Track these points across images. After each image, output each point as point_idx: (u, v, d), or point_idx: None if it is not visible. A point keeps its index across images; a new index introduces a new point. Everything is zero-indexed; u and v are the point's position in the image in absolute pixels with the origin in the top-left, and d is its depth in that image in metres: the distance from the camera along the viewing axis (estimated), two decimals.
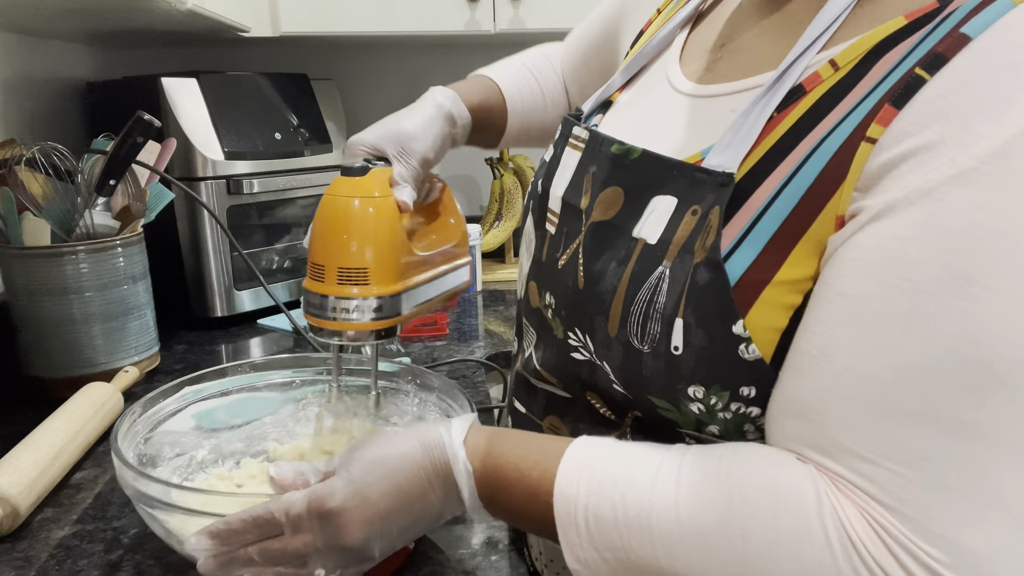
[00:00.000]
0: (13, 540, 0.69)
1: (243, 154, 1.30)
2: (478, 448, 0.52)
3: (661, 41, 0.64)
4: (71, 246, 0.96)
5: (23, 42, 1.26)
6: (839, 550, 0.40)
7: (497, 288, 1.60)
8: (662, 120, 0.57)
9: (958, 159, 0.39)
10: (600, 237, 0.54)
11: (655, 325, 0.48)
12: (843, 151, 0.43)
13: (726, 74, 0.55)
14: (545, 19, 1.44)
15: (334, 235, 0.64)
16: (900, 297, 0.40)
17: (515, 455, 0.51)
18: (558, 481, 0.48)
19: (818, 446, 0.43)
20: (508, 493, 0.50)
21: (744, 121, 0.48)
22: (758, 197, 0.46)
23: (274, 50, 1.71)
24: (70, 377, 0.97)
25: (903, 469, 0.40)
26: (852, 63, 0.45)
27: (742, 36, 0.57)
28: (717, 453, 0.46)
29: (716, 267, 0.46)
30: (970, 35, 0.40)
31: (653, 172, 0.52)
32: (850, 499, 0.41)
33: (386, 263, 0.64)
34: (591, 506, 0.46)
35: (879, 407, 0.40)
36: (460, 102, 0.75)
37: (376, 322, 0.64)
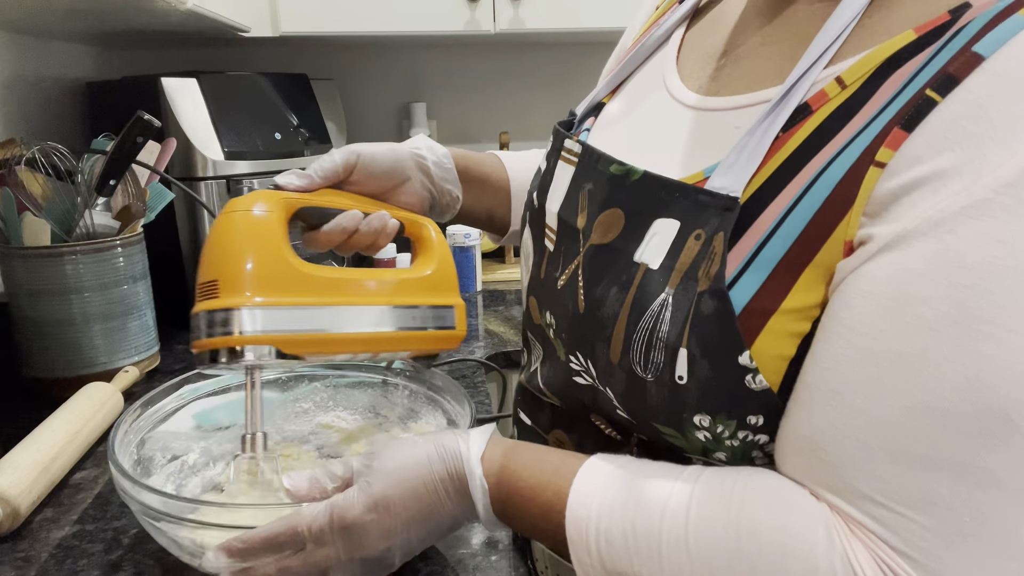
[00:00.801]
0: (13, 540, 0.69)
1: (243, 154, 1.30)
2: (494, 463, 0.52)
3: (655, 41, 0.62)
4: (71, 246, 0.96)
5: (23, 42, 1.27)
6: None
7: (497, 288, 1.61)
8: (661, 134, 0.55)
9: (971, 188, 0.37)
10: (600, 260, 0.52)
11: (658, 354, 0.46)
12: (851, 175, 0.41)
13: (729, 85, 0.53)
14: (545, 19, 1.44)
15: (202, 253, 0.60)
16: (912, 335, 0.39)
17: (529, 472, 0.51)
18: (570, 503, 0.48)
19: (830, 486, 0.42)
20: (522, 510, 0.51)
21: (748, 141, 0.46)
22: (763, 222, 0.44)
23: (274, 50, 1.71)
24: (70, 377, 0.97)
25: (916, 515, 0.39)
26: (859, 81, 0.44)
27: (745, 44, 0.54)
28: (730, 483, 0.45)
29: (721, 297, 0.44)
30: (983, 55, 0.39)
31: (654, 194, 0.50)
32: (862, 542, 0.41)
33: (238, 274, 0.58)
34: (602, 531, 0.46)
35: (890, 450, 0.39)
36: (428, 138, 0.73)
37: (209, 339, 0.57)
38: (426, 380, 0.76)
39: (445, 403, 0.73)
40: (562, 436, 0.61)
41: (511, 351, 1.22)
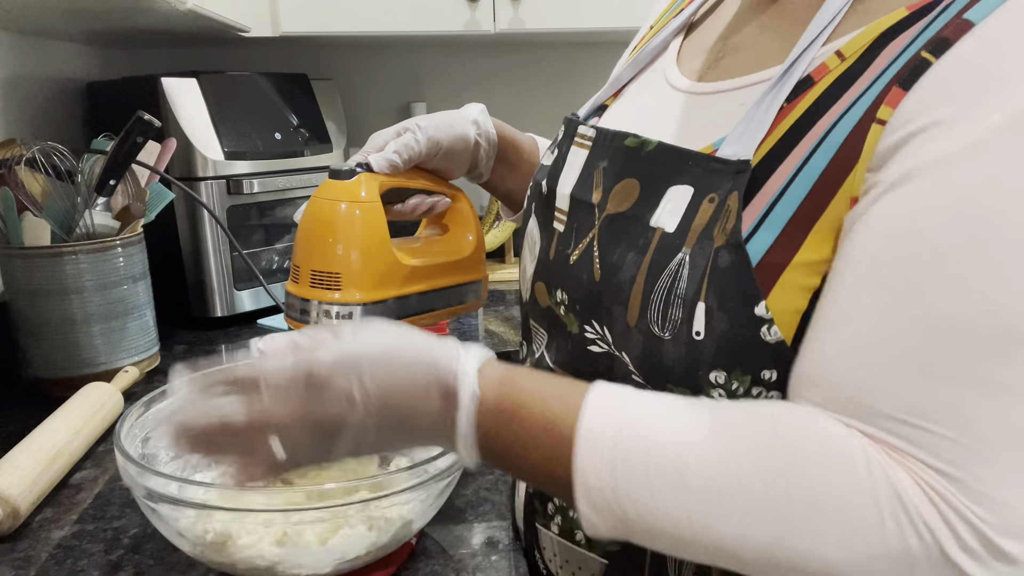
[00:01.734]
0: (13, 540, 0.69)
1: (243, 154, 1.30)
2: (493, 375, 0.48)
3: (655, 48, 0.65)
4: (71, 246, 0.96)
5: (23, 42, 1.27)
6: (887, 509, 0.40)
7: (497, 288, 1.60)
8: (661, 115, 0.58)
9: (971, 130, 0.40)
10: (616, 228, 0.54)
11: (676, 311, 0.48)
12: (854, 134, 0.44)
13: (728, 71, 0.56)
14: (545, 19, 1.44)
15: (312, 237, 0.63)
16: (923, 261, 0.41)
17: (537, 384, 0.48)
18: (582, 421, 0.44)
19: (853, 413, 0.43)
20: (521, 424, 0.46)
21: (755, 112, 0.49)
22: (774, 183, 0.47)
23: (274, 50, 1.71)
24: (70, 377, 0.97)
25: (942, 429, 0.40)
26: (858, 52, 0.47)
27: (741, 34, 0.58)
28: (758, 405, 0.46)
29: (738, 249, 0.46)
30: (973, 21, 0.42)
31: (668, 163, 0.52)
32: (896, 461, 0.41)
33: (362, 268, 0.62)
34: (620, 448, 0.43)
35: (910, 368, 0.41)
36: (486, 111, 0.76)
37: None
38: None
39: None
40: None
41: (511, 351, 1.22)
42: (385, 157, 0.67)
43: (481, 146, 0.74)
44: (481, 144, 0.74)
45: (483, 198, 1.81)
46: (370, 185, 0.64)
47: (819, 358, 0.44)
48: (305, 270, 0.63)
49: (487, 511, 0.72)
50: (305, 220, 0.65)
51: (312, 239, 0.63)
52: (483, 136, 0.74)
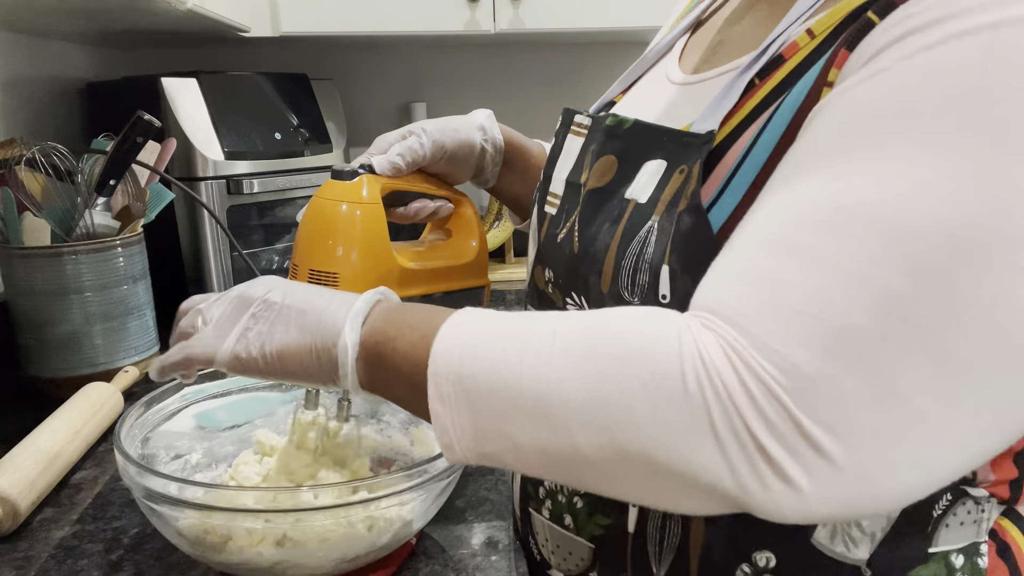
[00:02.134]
0: (13, 540, 0.69)
1: (243, 154, 1.30)
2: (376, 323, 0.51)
3: (663, 47, 0.66)
4: (71, 246, 0.96)
5: (23, 42, 1.27)
6: (688, 361, 0.40)
7: (497, 288, 1.60)
8: (657, 106, 0.60)
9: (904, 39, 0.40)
10: (595, 202, 0.56)
11: (643, 276, 0.50)
12: (808, 100, 0.45)
13: (719, 61, 0.57)
14: (545, 19, 1.44)
15: (311, 236, 0.63)
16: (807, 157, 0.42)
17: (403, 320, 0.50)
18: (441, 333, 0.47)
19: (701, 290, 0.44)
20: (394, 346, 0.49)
21: (728, 91, 0.50)
22: (735, 151, 0.48)
23: (274, 50, 1.71)
24: (70, 377, 0.97)
25: (752, 289, 0.40)
26: (827, 31, 0.47)
27: (735, 27, 0.59)
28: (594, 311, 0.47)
29: (698, 212, 0.48)
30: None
31: (644, 140, 0.55)
32: (710, 329, 0.41)
33: (360, 270, 0.62)
34: (468, 349, 0.46)
35: (753, 242, 0.42)
36: (496, 123, 0.76)
37: None
38: None
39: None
40: None
41: None
42: (388, 159, 0.67)
43: (487, 152, 0.74)
44: (487, 150, 0.74)
45: (483, 198, 1.81)
46: (372, 186, 0.64)
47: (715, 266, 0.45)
48: (303, 269, 0.63)
49: (487, 511, 0.72)
50: (305, 219, 0.64)
51: (311, 238, 0.63)
52: (489, 142, 0.74)
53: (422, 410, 0.46)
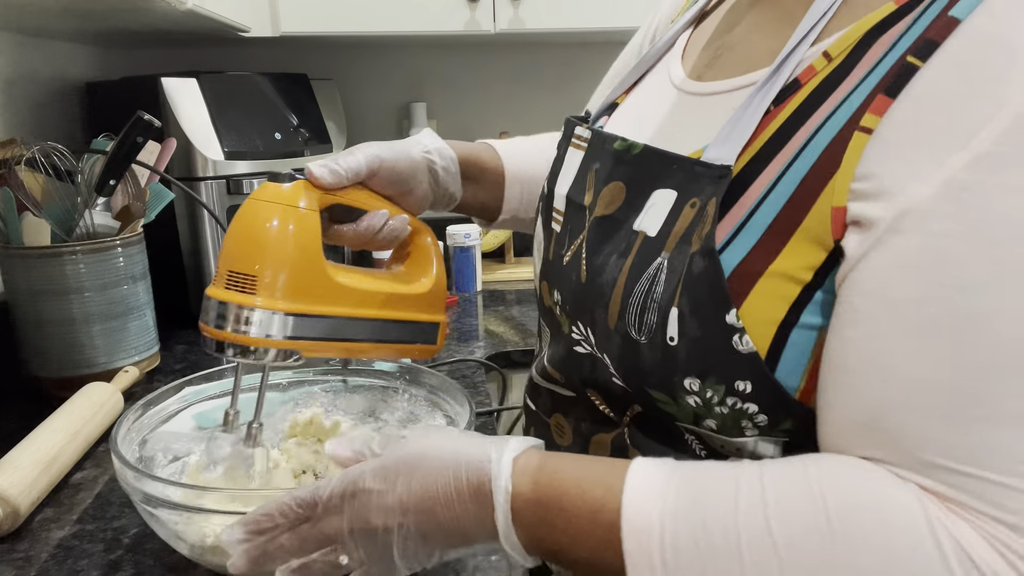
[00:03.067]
0: (13, 540, 0.69)
1: (243, 154, 1.30)
2: (529, 465, 0.47)
3: (666, 43, 0.65)
4: (71, 246, 0.96)
5: (23, 42, 1.27)
6: (958, 568, 0.37)
7: (497, 288, 1.61)
8: (661, 116, 0.58)
9: (969, 144, 0.38)
10: (602, 231, 0.54)
11: (652, 316, 0.48)
12: (836, 142, 0.43)
13: (723, 70, 0.55)
14: (545, 19, 1.44)
15: (236, 236, 0.59)
16: (953, 297, 0.38)
17: (576, 472, 0.46)
18: (626, 510, 0.42)
19: (900, 462, 0.40)
20: (565, 513, 0.45)
21: (741, 116, 0.48)
22: (755, 189, 0.46)
23: (274, 50, 1.71)
24: (70, 377, 0.97)
25: (997, 476, 0.37)
26: (844, 53, 0.45)
27: (736, 30, 0.57)
28: (801, 467, 0.42)
29: (710, 255, 0.46)
30: (959, 17, 0.40)
31: (654, 167, 0.52)
32: (958, 515, 0.39)
33: (279, 275, 0.58)
34: (667, 536, 0.41)
35: (953, 414, 0.38)
36: (438, 138, 0.73)
37: (255, 339, 0.57)
38: (425, 382, 0.76)
39: (445, 404, 0.73)
40: (561, 419, 0.62)
41: (511, 351, 1.22)
42: (325, 166, 0.63)
43: (437, 164, 0.71)
44: (436, 161, 0.71)
45: None
46: (308, 193, 0.60)
47: (858, 412, 0.42)
48: (222, 270, 0.58)
49: None
50: (234, 219, 0.60)
51: (237, 239, 0.59)
52: (435, 153, 0.71)
53: None
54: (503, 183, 0.79)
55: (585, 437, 0.60)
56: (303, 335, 0.59)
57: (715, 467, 0.44)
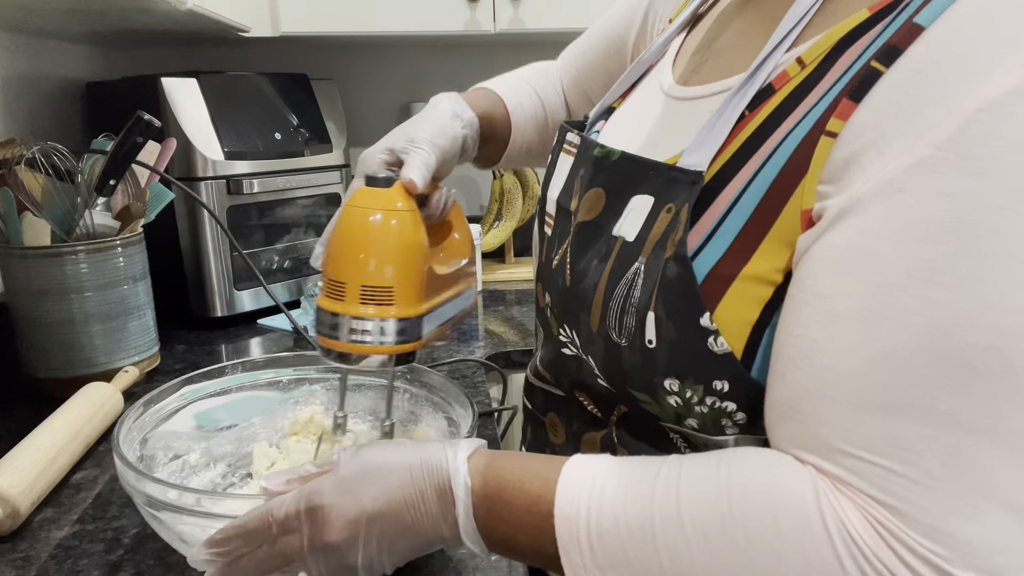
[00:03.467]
0: (13, 540, 0.69)
1: (243, 154, 1.30)
2: (479, 463, 0.50)
3: (660, 47, 0.65)
4: (71, 246, 0.96)
5: (23, 42, 1.27)
6: (841, 546, 0.40)
7: (497, 288, 1.60)
8: (648, 122, 0.59)
9: (915, 147, 0.39)
10: (584, 236, 0.56)
11: (631, 319, 0.49)
12: (804, 146, 0.44)
13: (708, 75, 0.56)
14: (545, 19, 1.44)
15: (356, 250, 0.58)
16: (871, 291, 0.40)
17: (518, 467, 0.49)
18: (558, 500, 0.47)
19: (808, 447, 0.43)
20: (508, 505, 0.48)
21: (716, 121, 0.49)
22: (727, 194, 0.47)
23: (274, 50, 1.71)
24: (70, 377, 0.97)
25: (888, 462, 0.40)
26: (817, 59, 0.46)
27: (723, 36, 0.58)
28: (715, 458, 0.46)
29: (683, 261, 0.47)
30: (923, 24, 0.41)
31: (632, 173, 0.53)
32: (847, 497, 0.41)
33: (411, 282, 0.59)
34: (593, 523, 0.45)
35: (857, 402, 0.41)
36: (463, 102, 0.74)
37: (399, 346, 0.59)
38: (426, 382, 0.76)
39: (446, 405, 0.73)
40: (555, 418, 0.64)
41: (511, 351, 1.22)
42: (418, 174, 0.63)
43: (469, 136, 0.73)
44: (469, 135, 0.73)
45: (483, 198, 1.81)
46: (406, 195, 0.61)
47: (781, 393, 0.44)
48: (353, 286, 0.58)
49: None
50: (342, 230, 0.60)
51: (353, 252, 0.59)
52: (468, 126, 0.73)
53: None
54: (509, 136, 0.81)
55: (576, 436, 0.61)
56: (427, 330, 0.62)
57: (643, 460, 0.48)
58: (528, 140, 0.84)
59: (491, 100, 0.80)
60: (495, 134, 0.79)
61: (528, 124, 0.83)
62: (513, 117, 0.82)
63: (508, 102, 0.81)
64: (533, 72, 0.88)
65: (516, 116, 0.82)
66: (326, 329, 0.59)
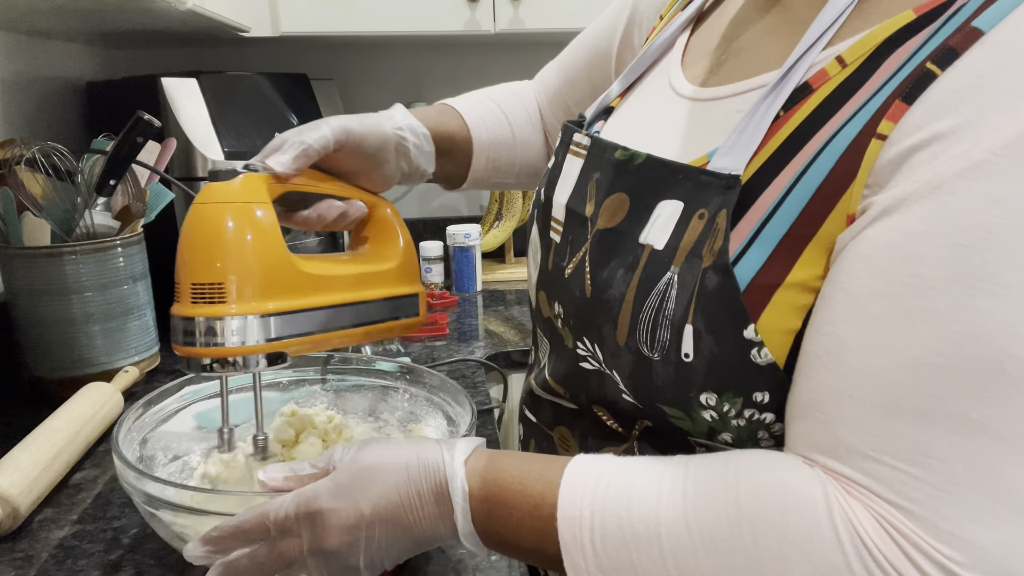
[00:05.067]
0: (13, 540, 0.69)
1: (243, 154, 1.30)
2: (478, 465, 0.50)
3: (662, 44, 0.63)
4: (71, 246, 0.96)
5: (23, 42, 1.27)
6: (851, 550, 0.40)
7: (497, 288, 1.61)
8: (663, 123, 0.56)
9: (970, 151, 0.38)
10: (606, 244, 0.53)
11: (664, 332, 0.47)
12: (853, 149, 0.42)
13: (730, 75, 0.54)
14: (545, 19, 1.44)
15: (188, 246, 0.56)
16: (909, 294, 0.39)
17: (518, 470, 0.49)
18: (561, 502, 0.46)
19: (824, 447, 0.42)
20: (508, 508, 0.48)
21: (749, 121, 0.47)
22: (766, 198, 0.45)
23: (274, 50, 1.71)
24: (70, 377, 0.97)
25: (910, 467, 0.39)
26: (860, 59, 0.44)
27: (744, 35, 0.55)
28: (722, 459, 0.45)
29: (725, 271, 0.45)
30: (982, 29, 0.40)
31: (658, 177, 0.51)
32: (859, 500, 0.41)
33: (247, 276, 0.55)
34: (597, 525, 0.45)
35: (885, 405, 0.40)
36: (409, 113, 0.72)
37: (241, 348, 0.55)
38: (425, 382, 0.76)
39: (445, 404, 0.73)
40: (565, 432, 0.61)
41: (511, 351, 1.22)
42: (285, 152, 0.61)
43: (409, 141, 0.70)
44: (408, 139, 0.70)
45: (483, 197, 1.81)
46: (256, 186, 0.58)
47: (803, 391, 0.43)
48: (185, 285, 0.56)
49: None
50: (184, 229, 0.57)
51: (191, 249, 0.56)
52: (407, 130, 0.70)
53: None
54: (471, 153, 0.79)
55: (592, 451, 0.58)
56: (284, 334, 0.58)
57: (649, 461, 0.47)
58: (495, 157, 0.80)
59: (447, 114, 0.78)
60: (454, 148, 0.76)
61: (493, 140, 0.80)
62: (474, 132, 0.78)
63: (467, 116, 0.78)
64: (504, 91, 0.85)
65: (478, 131, 0.79)
66: (174, 336, 0.57)
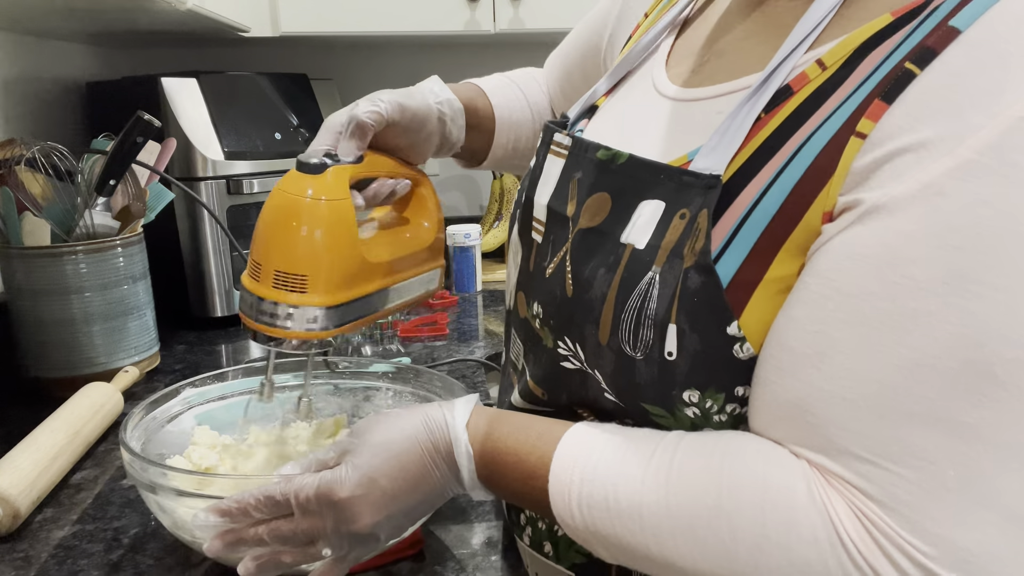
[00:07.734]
0: (13, 540, 0.69)
1: (243, 154, 1.30)
2: (479, 430, 0.54)
3: (647, 46, 0.63)
4: (71, 246, 0.96)
5: (23, 42, 1.27)
6: (827, 546, 0.40)
7: (497, 288, 1.60)
8: (645, 123, 0.57)
9: (956, 151, 0.38)
10: (588, 244, 0.53)
11: (647, 332, 0.47)
12: (831, 147, 0.43)
13: (712, 77, 0.54)
14: (545, 19, 1.44)
15: (276, 234, 0.59)
16: (902, 295, 0.39)
17: (514, 440, 0.52)
18: (553, 468, 0.49)
19: (815, 446, 0.43)
20: (505, 476, 0.52)
21: (731, 123, 0.47)
22: (746, 196, 0.45)
23: (274, 50, 1.71)
24: (70, 377, 0.97)
25: (901, 469, 0.40)
26: (839, 62, 0.45)
27: (727, 38, 0.56)
28: (711, 443, 0.46)
29: (707, 271, 0.45)
30: (959, 28, 0.40)
31: (639, 177, 0.51)
32: (841, 495, 0.41)
33: (330, 272, 0.59)
34: (584, 495, 0.48)
35: (878, 408, 0.40)
36: (446, 87, 0.73)
37: (308, 333, 0.59)
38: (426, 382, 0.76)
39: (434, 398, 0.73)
40: None
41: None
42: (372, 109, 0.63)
43: (447, 115, 0.72)
44: (445, 112, 0.71)
45: (483, 198, 1.81)
46: (340, 179, 0.60)
47: (790, 391, 0.43)
48: (267, 269, 0.59)
49: (487, 511, 0.72)
50: (269, 214, 0.60)
51: (276, 236, 0.59)
52: (445, 103, 0.71)
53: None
54: (494, 130, 0.80)
55: None
56: (347, 320, 0.62)
57: (642, 438, 0.49)
58: (515, 137, 0.82)
59: (475, 91, 0.79)
60: (479, 124, 0.78)
61: (514, 120, 0.82)
62: (497, 111, 0.80)
63: (492, 96, 0.80)
64: (520, 74, 0.87)
65: (501, 110, 0.80)
66: (245, 306, 0.61)
